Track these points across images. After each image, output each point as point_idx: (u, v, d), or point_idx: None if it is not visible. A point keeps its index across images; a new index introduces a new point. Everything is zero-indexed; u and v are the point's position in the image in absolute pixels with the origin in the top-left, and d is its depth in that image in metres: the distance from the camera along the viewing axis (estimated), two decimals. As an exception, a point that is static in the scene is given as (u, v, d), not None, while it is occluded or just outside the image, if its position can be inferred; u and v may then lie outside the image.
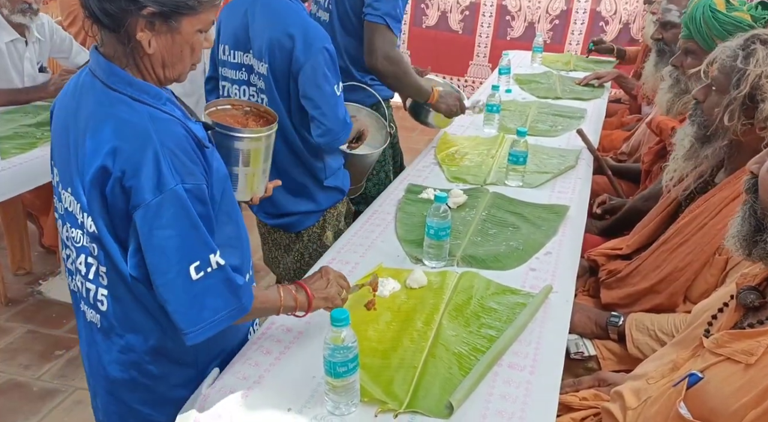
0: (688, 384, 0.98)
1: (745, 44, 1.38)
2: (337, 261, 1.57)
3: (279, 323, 1.31)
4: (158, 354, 1.14)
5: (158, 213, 0.99)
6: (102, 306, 1.12)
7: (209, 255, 1.03)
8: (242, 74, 1.76)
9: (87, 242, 1.09)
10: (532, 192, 1.98)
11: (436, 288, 1.45)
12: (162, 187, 0.98)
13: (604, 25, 4.70)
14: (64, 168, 1.10)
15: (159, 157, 0.98)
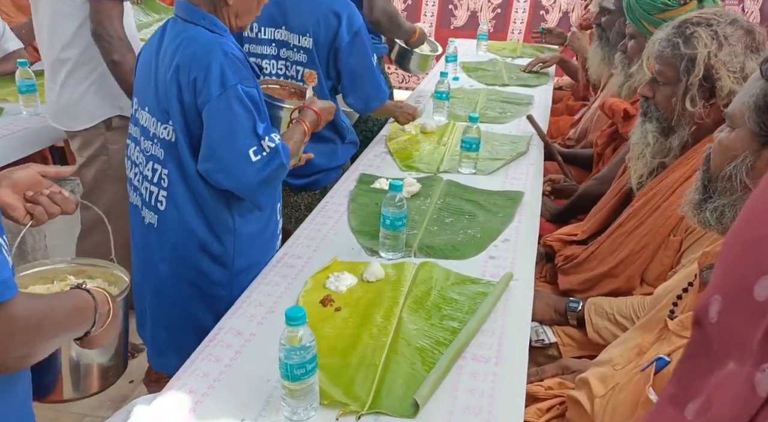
0: (656, 368, 0.96)
1: (680, 31, 1.38)
2: (289, 256, 1.48)
3: (228, 327, 1.21)
4: (203, 251, 1.43)
5: (222, 105, 1.29)
6: (161, 206, 1.42)
7: (262, 141, 1.32)
8: (273, 49, 2.00)
9: (156, 150, 1.40)
10: (485, 179, 1.95)
11: (394, 281, 1.39)
12: (225, 84, 1.29)
13: (545, 13, 4.75)
14: (143, 93, 1.44)
15: (223, 63, 1.30)
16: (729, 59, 1.34)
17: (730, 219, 0.92)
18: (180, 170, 1.38)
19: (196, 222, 1.41)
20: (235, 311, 1.27)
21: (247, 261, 1.47)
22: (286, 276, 1.40)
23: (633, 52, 1.94)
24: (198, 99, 1.31)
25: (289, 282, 1.38)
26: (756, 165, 0.87)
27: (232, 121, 1.30)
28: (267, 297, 1.32)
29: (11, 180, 1.02)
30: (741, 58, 1.34)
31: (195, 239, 1.41)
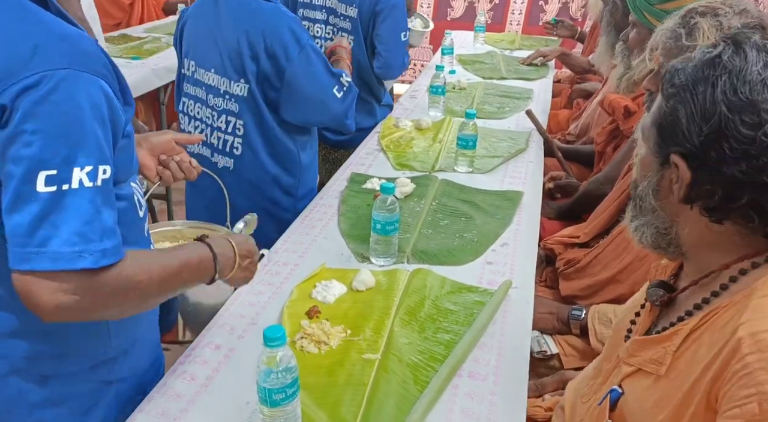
0: (611, 401, 0.86)
1: (684, 21, 1.30)
2: (274, 263, 1.40)
3: (206, 341, 1.13)
4: (275, 184, 1.70)
5: (303, 61, 1.56)
6: (237, 152, 1.66)
7: (340, 78, 1.63)
8: (323, 15, 2.24)
9: (230, 105, 1.63)
10: (483, 178, 1.86)
11: (385, 290, 1.30)
12: (300, 43, 1.56)
13: (544, 4, 4.65)
14: (204, 56, 1.64)
15: (292, 26, 1.55)
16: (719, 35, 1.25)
17: (648, 239, 0.85)
18: (256, 119, 1.64)
19: (270, 162, 1.68)
20: (215, 323, 1.18)
21: (307, 188, 1.80)
22: (270, 284, 1.31)
23: (633, 43, 1.85)
24: (280, 62, 1.56)
25: (274, 291, 1.29)
26: (660, 186, 0.81)
27: (314, 71, 1.59)
28: (249, 308, 1.23)
29: (150, 143, 1.17)
30: None
31: (268, 175, 1.69)
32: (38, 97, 0.75)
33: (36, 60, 0.76)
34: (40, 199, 0.76)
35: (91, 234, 0.78)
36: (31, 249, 0.76)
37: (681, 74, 0.76)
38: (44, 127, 0.76)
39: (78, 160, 0.77)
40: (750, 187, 0.70)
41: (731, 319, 0.71)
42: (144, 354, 1.03)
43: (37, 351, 0.89)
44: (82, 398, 0.95)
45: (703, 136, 0.72)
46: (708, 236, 0.78)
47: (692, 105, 0.73)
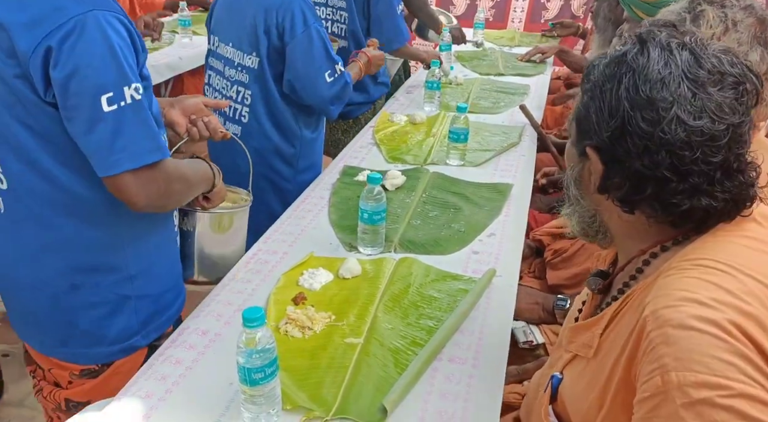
0: (552, 387, 0.89)
1: (691, 6, 1.30)
2: (263, 251, 1.42)
3: (193, 327, 1.16)
4: (276, 153, 1.87)
5: (305, 40, 1.71)
6: (244, 120, 1.83)
7: (336, 65, 1.78)
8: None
9: (242, 76, 1.80)
10: (474, 171, 1.88)
11: (371, 278, 1.33)
12: (307, 23, 1.71)
13: (546, 1, 4.65)
14: (226, 31, 1.83)
15: (303, 7, 1.71)
16: (732, 46, 1.26)
17: (576, 227, 0.89)
18: (263, 90, 1.80)
19: (272, 131, 1.84)
20: (202, 309, 1.21)
21: (308, 162, 1.95)
22: (258, 272, 1.34)
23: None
24: (284, 37, 1.71)
25: (262, 279, 1.32)
26: (580, 176, 0.83)
27: (312, 52, 1.73)
28: (236, 295, 1.26)
29: (182, 104, 1.32)
30: (745, 48, 1.25)
31: (271, 143, 1.85)
32: (77, 39, 0.92)
33: (65, 9, 0.92)
34: (108, 117, 0.95)
35: (151, 135, 0.99)
36: (115, 157, 0.96)
37: (595, 70, 0.79)
38: (91, 61, 0.93)
39: (124, 80, 0.96)
40: (652, 181, 0.73)
41: (641, 300, 0.74)
42: (162, 279, 1.21)
43: (70, 265, 1.08)
44: (105, 306, 1.14)
45: (610, 131, 0.74)
46: (624, 224, 0.82)
47: (601, 101, 0.76)
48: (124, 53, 0.96)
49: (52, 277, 1.09)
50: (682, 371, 0.63)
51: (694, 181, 0.71)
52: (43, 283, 1.10)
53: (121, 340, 1.17)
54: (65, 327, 1.14)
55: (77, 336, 1.14)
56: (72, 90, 0.93)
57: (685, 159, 0.70)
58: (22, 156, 1.01)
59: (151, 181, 1.00)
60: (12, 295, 1.17)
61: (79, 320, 1.13)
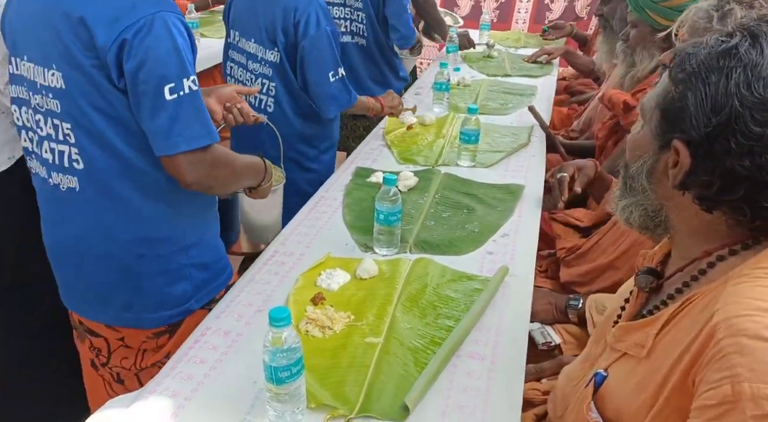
0: (595, 384, 0.88)
1: (719, 5, 1.31)
2: (281, 253, 1.44)
3: (215, 328, 1.17)
4: (300, 137, 1.99)
5: (315, 40, 1.84)
6: (270, 109, 1.96)
7: (339, 68, 1.90)
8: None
9: (265, 69, 1.93)
10: (485, 172, 1.90)
11: (387, 278, 1.34)
12: (319, 26, 1.83)
13: (550, 2, 4.67)
14: (247, 27, 1.94)
15: (317, 10, 1.83)
16: (736, 24, 1.27)
17: (636, 219, 0.86)
18: (285, 82, 1.94)
19: (295, 118, 1.97)
20: (223, 310, 1.23)
21: (329, 143, 2.10)
22: (276, 273, 1.36)
23: (635, 42, 1.88)
24: (298, 36, 1.85)
25: (280, 280, 1.34)
26: (655, 168, 0.81)
27: (320, 52, 1.87)
28: (256, 296, 1.28)
29: (217, 93, 1.46)
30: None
31: (295, 130, 1.97)
32: (149, 35, 1.06)
33: (137, 8, 1.07)
34: (168, 105, 1.09)
35: (204, 122, 1.13)
36: (173, 140, 1.10)
37: (693, 60, 0.74)
38: (157, 55, 1.07)
39: (184, 72, 1.10)
40: (748, 183, 0.70)
41: (707, 305, 0.73)
42: (210, 251, 1.35)
43: (137, 237, 1.22)
44: (166, 274, 1.27)
45: (711, 127, 0.71)
46: (695, 222, 0.79)
47: (703, 94, 0.71)
48: (184, 49, 1.10)
49: (121, 249, 1.22)
50: (756, 383, 0.62)
51: None
52: (114, 255, 1.23)
53: (179, 304, 1.30)
54: (130, 294, 1.26)
55: (141, 302, 1.27)
56: (140, 79, 1.07)
57: None
58: (96, 139, 1.14)
59: (200, 162, 1.14)
60: (80, 269, 1.27)
61: (143, 287, 1.26)
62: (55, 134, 1.16)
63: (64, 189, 1.20)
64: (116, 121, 1.12)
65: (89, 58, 1.08)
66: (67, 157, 1.16)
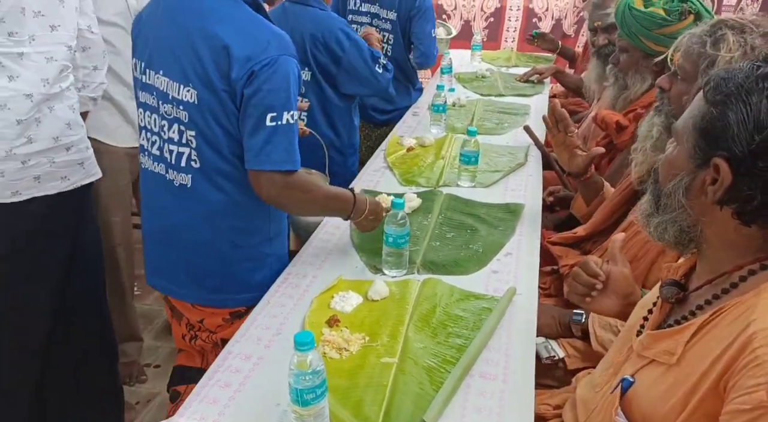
0: (621, 389, 0.93)
1: (712, 30, 1.37)
2: (293, 275, 1.49)
3: (236, 352, 1.22)
4: (330, 145, 2.17)
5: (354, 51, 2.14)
6: (304, 121, 2.16)
7: (379, 59, 2.21)
8: (368, 19, 2.80)
9: None
10: (485, 191, 1.96)
11: (398, 299, 1.39)
12: (350, 38, 2.14)
13: (538, 21, 4.78)
14: None
15: (341, 27, 2.15)
16: None
17: (671, 236, 0.91)
18: (319, 96, 2.18)
19: (326, 128, 2.21)
20: (243, 334, 1.28)
21: (353, 148, 2.36)
22: (291, 296, 1.40)
23: (627, 66, 1.95)
24: (335, 53, 2.12)
25: (295, 302, 1.38)
26: (692, 186, 0.86)
27: (363, 56, 2.13)
28: (273, 319, 1.32)
29: None
30: None
31: (326, 140, 2.11)
32: (270, 71, 1.28)
33: (268, 50, 1.29)
34: (267, 129, 1.29)
35: (291, 150, 1.33)
36: (262, 158, 1.31)
37: (730, 83, 0.80)
38: (272, 88, 1.28)
39: (286, 107, 1.30)
40: None
41: (741, 315, 0.78)
42: (283, 243, 1.56)
43: (234, 227, 1.43)
44: (253, 261, 1.48)
45: (755, 144, 0.77)
46: (731, 236, 0.84)
47: (745, 113, 0.77)
48: (294, 88, 1.32)
49: (220, 236, 1.43)
50: None
51: None
52: (214, 242, 1.43)
53: (260, 289, 1.44)
54: (223, 278, 1.46)
55: (231, 285, 1.46)
56: (252, 103, 1.29)
57: None
58: (212, 145, 1.35)
59: (277, 182, 1.33)
60: (181, 253, 1.47)
61: (235, 271, 1.46)
62: (178, 138, 1.37)
63: (177, 184, 1.41)
64: (230, 134, 1.34)
65: (223, 84, 1.29)
66: (186, 157, 1.38)
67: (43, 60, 1.52)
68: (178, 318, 1.58)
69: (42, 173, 1.58)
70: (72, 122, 1.63)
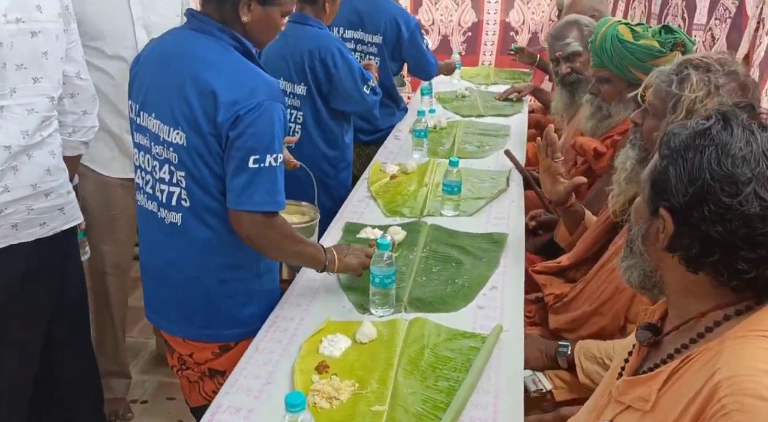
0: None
1: (678, 70, 1.41)
2: (281, 318, 1.49)
3: (226, 405, 1.22)
4: (324, 158, 2.35)
5: (346, 67, 2.27)
6: (297, 134, 2.28)
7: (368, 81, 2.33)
8: (352, 44, 2.86)
9: (294, 102, 2.31)
10: (468, 220, 1.99)
11: (387, 340, 1.40)
12: (343, 57, 2.29)
13: (515, 34, 4.84)
14: (279, 69, 2.28)
15: (338, 46, 2.31)
16: (714, 108, 1.37)
17: (636, 279, 0.96)
18: (313, 111, 2.30)
19: (320, 141, 2.33)
20: (232, 385, 1.27)
21: (345, 162, 2.44)
22: (280, 342, 1.41)
23: (610, 96, 1.98)
24: (329, 70, 2.23)
25: (284, 348, 1.39)
26: (648, 233, 0.90)
27: (352, 75, 2.25)
28: (262, 368, 1.32)
29: None
30: None
31: (319, 151, 2.33)
32: (255, 115, 1.31)
33: (255, 95, 1.33)
34: (249, 171, 1.33)
35: (273, 193, 1.36)
36: (243, 198, 1.34)
37: (676, 139, 0.86)
38: (255, 131, 1.31)
39: (270, 150, 1.33)
40: (721, 246, 0.80)
41: (707, 363, 0.80)
42: (273, 278, 1.58)
43: (221, 264, 1.46)
44: (242, 297, 1.50)
45: (688, 196, 0.81)
46: (686, 283, 0.88)
47: (682, 168, 0.82)
48: (278, 132, 1.36)
49: (208, 273, 1.46)
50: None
51: (763, 252, 0.78)
52: (202, 279, 1.46)
53: (249, 324, 1.49)
54: (211, 313, 1.49)
55: (218, 320, 1.49)
56: (236, 145, 1.33)
57: (757, 231, 0.77)
58: (201, 184, 1.39)
59: (257, 223, 1.37)
60: (171, 290, 1.50)
61: (222, 307, 1.48)
62: (169, 178, 1.41)
63: (168, 222, 1.44)
64: (217, 174, 1.38)
65: (210, 127, 1.33)
66: (176, 196, 1.42)
67: (24, 112, 1.51)
68: (171, 352, 1.62)
69: (20, 221, 1.56)
70: (53, 168, 1.61)
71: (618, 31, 1.92)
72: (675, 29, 1.91)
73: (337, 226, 1.95)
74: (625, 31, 1.92)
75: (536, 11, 4.74)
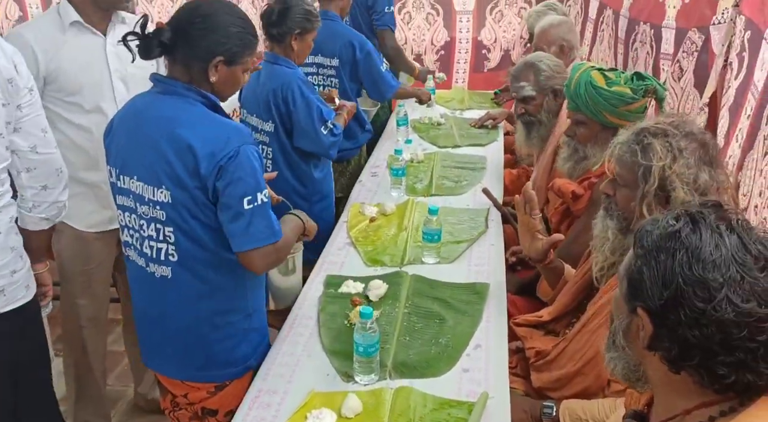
0: None
1: (638, 139, 1.42)
2: (264, 392, 1.47)
3: None
4: (294, 192, 2.40)
5: (304, 106, 2.34)
6: (268, 169, 2.34)
7: (327, 122, 2.38)
8: (314, 69, 2.99)
9: (263, 137, 2.43)
10: (449, 268, 1.98)
11: (372, 412, 1.39)
12: (303, 95, 2.36)
13: (487, 52, 4.86)
14: (251, 106, 2.47)
15: (300, 84, 2.36)
16: (683, 171, 1.38)
17: (619, 372, 0.95)
18: (281, 147, 2.39)
19: (290, 177, 2.41)
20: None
21: (319, 196, 2.49)
22: (263, 419, 1.38)
23: (586, 138, 2.00)
24: (289, 107, 2.32)
25: (268, 427, 1.36)
26: (629, 329, 0.91)
27: (310, 113, 2.32)
28: (247, 452, 1.30)
29: None
30: (694, 170, 1.38)
31: (290, 185, 2.39)
32: (236, 162, 1.39)
33: (229, 143, 1.40)
34: (246, 212, 1.40)
35: (272, 225, 1.46)
36: (248, 239, 1.42)
37: (648, 238, 0.85)
38: (241, 175, 1.40)
39: (258, 188, 1.42)
40: (699, 350, 0.80)
41: None
42: (261, 318, 1.64)
43: (214, 310, 1.51)
44: (235, 338, 1.56)
45: (663, 299, 0.81)
46: (668, 381, 0.88)
47: (655, 270, 0.82)
48: (259, 169, 1.44)
49: (201, 320, 1.51)
50: None
51: (740, 356, 0.78)
52: (194, 326, 1.52)
53: (242, 363, 1.57)
54: (205, 357, 1.54)
55: (213, 362, 1.55)
56: (227, 193, 1.40)
57: (733, 336, 0.77)
58: (190, 237, 1.44)
59: (268, 255, 1.46)
60: (164, 337, 1.56)
61: (215, 350, 1.55)
62: (156, 235, 1.46)
63: (158, 276, 1.49)
64: (207, 225, 1.44)
65: (194, 181, 1.39)
66: (164, 252, 1.47)
67: None
68: (164, 395, 1.67)
69: None
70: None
71: (591, 77, 1.93)
72: (646, 76, 1.93)
73: (317, 280, 1.93)
74: (599, 76, 1.94)
75: (507, 29, 4.77)
